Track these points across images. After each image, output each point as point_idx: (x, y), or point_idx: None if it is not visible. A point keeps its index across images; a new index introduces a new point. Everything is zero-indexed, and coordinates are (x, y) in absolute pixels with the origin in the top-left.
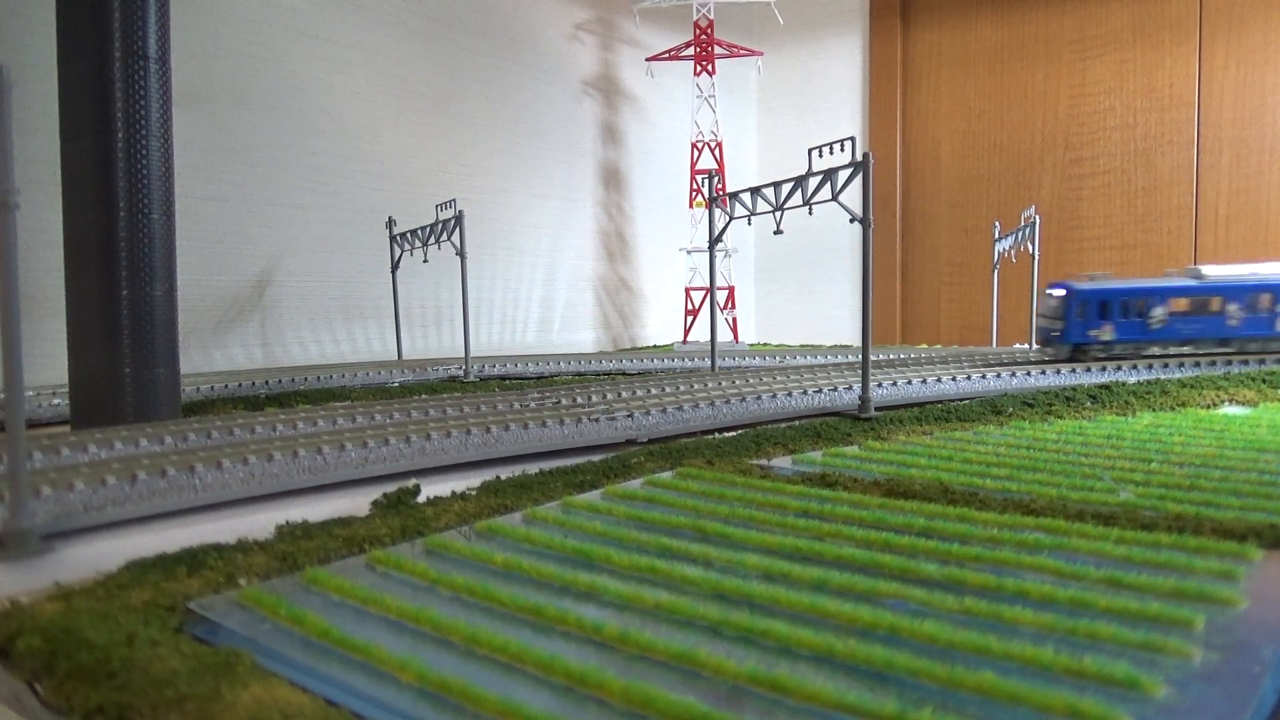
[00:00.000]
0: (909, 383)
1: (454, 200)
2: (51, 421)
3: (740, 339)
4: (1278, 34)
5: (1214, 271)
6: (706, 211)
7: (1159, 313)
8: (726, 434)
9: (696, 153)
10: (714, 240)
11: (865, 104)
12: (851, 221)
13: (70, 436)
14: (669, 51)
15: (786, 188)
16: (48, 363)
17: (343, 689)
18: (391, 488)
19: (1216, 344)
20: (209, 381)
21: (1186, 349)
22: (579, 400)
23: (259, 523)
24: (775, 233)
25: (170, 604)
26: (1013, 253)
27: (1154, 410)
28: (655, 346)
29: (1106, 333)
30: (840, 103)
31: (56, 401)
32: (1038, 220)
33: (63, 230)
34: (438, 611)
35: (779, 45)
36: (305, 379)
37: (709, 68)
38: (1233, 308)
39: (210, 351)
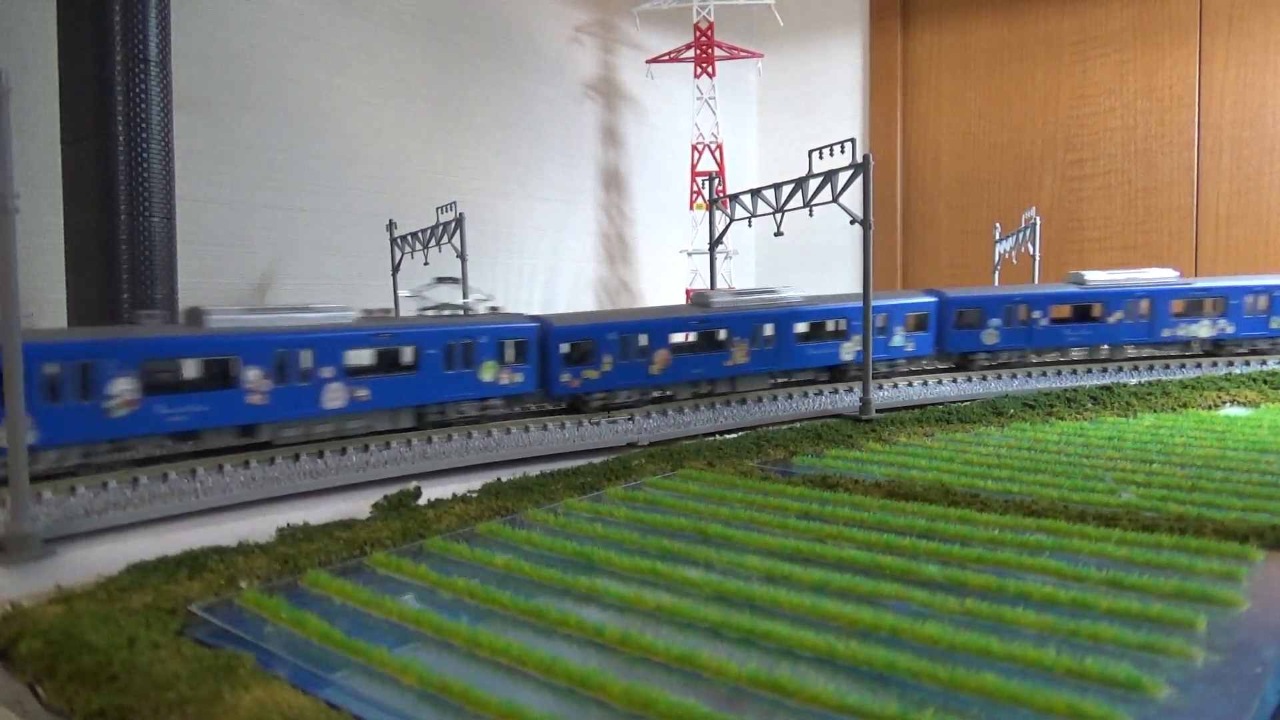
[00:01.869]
0: (910, 385)
1: (454, 203)
2: None
3: None
4: (1277, 35)
5: (221, 321)
6: (707, 213)
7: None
8: (727, 436)
9: (697, 155)
10: (714, 242)
11: (865, 106)
12: (852, 223)
13: None
14: (669, 54)
15: (787, 189)
16: None
17: (344, 691)
18: (393, 490)
19: (239, 434)
20: None
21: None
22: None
23: (260, 526)
24: (776, 234)
25: (171, 607)
26: (1014, 254)
27: (1155, 411)
28: None
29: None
30: (840, 104)
31: None
32: (1038, 222)
33: (64, 233)
34: (439, 614)
35: (779, 47)
36: None
37: (709, 70)
38: (251, 375)
39: None
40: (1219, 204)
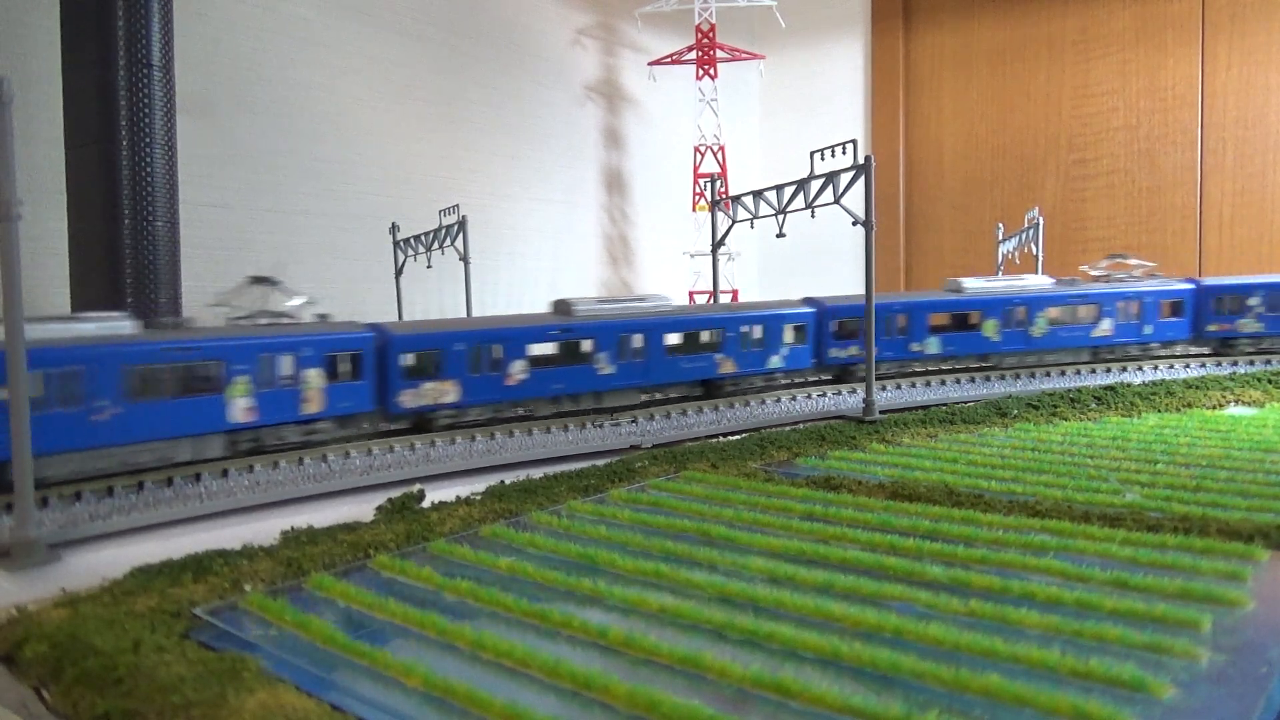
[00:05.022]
0: (913, 386)
1: (457, 205)
2: None
3: None
4: None
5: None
6: (709, 215)
7: None
8: (731, 438)
9: (699, 156)
10: (717, 244)
11: (867, 106)
12: (854, 224)
13: None
14: (671, 56)
15: (789, 191)
16: None
17: (348, 694)
18: (396, 494)
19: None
20: None
21: None
22: (583, 405)
23: (264, 529)
24: (778, 236)
25: (176, 610)
26: (1016, 255)
27: (1159, 411)
28: None
29: None
30: (842, 105)
31: None
32: (1041, 222)
33: (67, 238)
34: (442, 616)
35: (781, 48)
36: None
37: (711, 72)
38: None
39: None
40: (1222, 203)
